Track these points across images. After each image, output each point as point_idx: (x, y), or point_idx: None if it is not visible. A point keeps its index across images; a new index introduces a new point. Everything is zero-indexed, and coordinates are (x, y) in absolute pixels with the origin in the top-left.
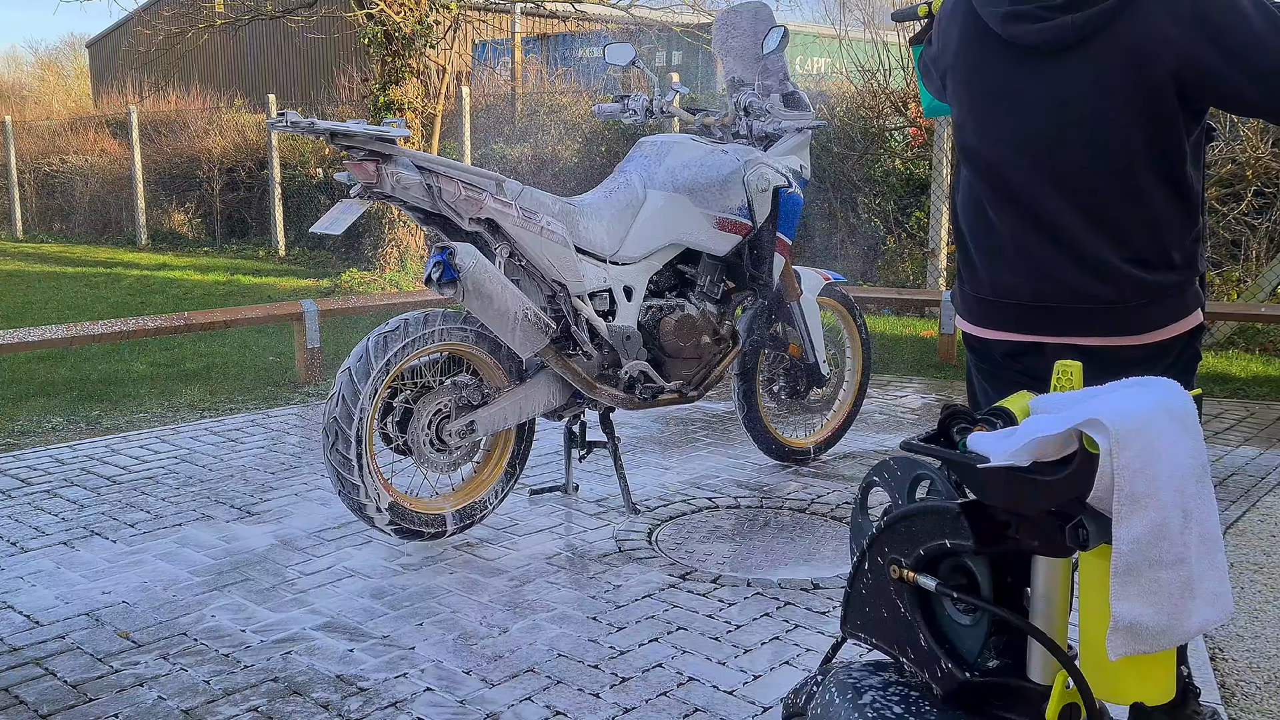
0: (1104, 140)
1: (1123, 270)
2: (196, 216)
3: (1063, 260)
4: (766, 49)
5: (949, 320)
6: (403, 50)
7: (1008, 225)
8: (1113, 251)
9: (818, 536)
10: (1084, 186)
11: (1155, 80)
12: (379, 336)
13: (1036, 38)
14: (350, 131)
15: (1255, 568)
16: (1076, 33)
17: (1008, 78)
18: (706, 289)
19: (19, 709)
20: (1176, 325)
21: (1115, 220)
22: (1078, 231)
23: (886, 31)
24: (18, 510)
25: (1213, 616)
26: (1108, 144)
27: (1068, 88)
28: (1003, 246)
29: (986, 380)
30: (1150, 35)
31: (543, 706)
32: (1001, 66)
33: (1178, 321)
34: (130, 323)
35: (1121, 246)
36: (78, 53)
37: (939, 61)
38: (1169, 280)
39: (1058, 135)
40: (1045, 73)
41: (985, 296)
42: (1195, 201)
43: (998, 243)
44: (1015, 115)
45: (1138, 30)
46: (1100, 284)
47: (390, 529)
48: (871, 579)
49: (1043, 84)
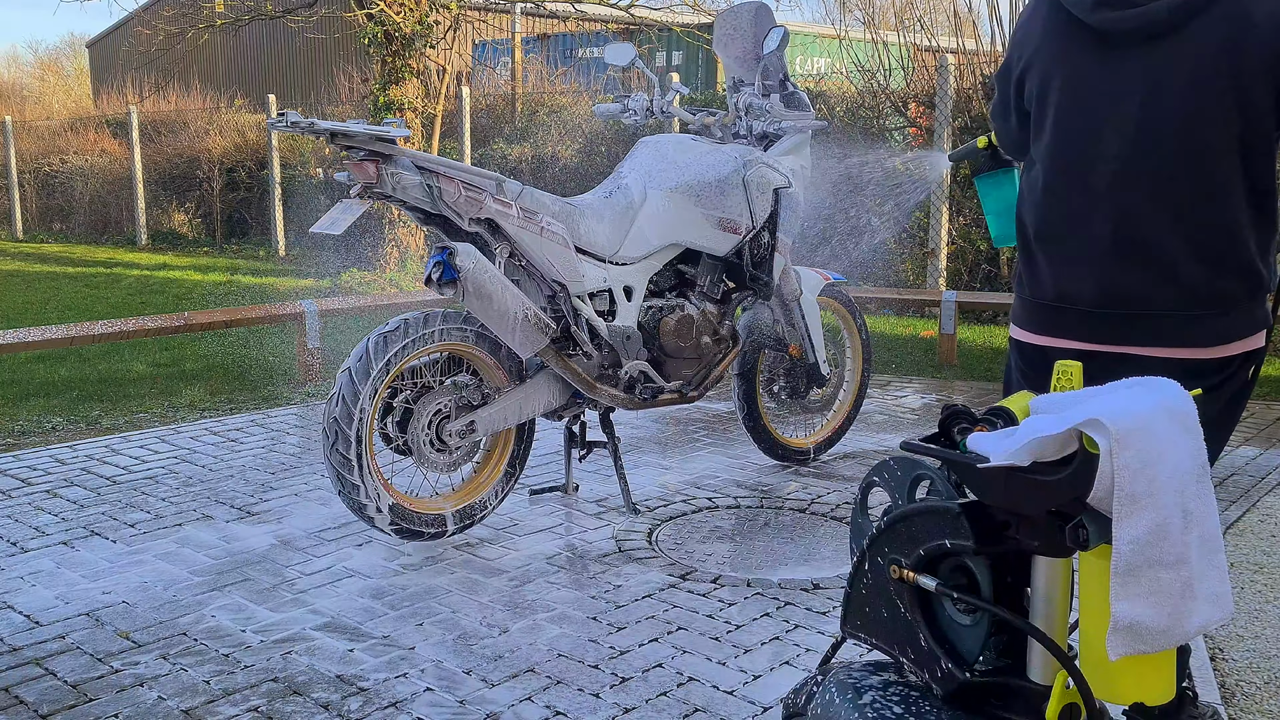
0: (1190, 131)
1: (1191, 271)
2: (196, 216)
3: (1133, 259)
4: (766, 49)
5: (949, 320)
6: (403, 50)
7: (1079, 221)
8: (1184, 250)
9: (818, 536)
10: (1164, 180)
11: (1250, 69)
12: (379, 336)
13: (1130, 24)
14: (350, 131)
15: (1255, 568)
16: (1170, 18)
17: (1095, 67)
18: (706, 289)
19: (19, 709)
20: (1239, 343)
21: (1191, 217)
22: (1152, 228)
23: (886, 32)
24: (18, 510)
25: (1213, 616)
26: (1193, 135)
27: (1158, 75)
28: (1072, 246)
29: (1033, 390)
30: (1249, 21)
31: (543, 706)
32: (1088, 56)
33: (1241, 340)
34: (130, 323)
35: (1193, 245)
36: (78, 53)
37: (1017, 71)
38: (1236, 289)
39: (1144, 124)
40: (1135, 61)
41: (1046, 301)
42: (1273, 206)
43: (1067, 242)
44: (1102, 104)
45: (1235, 15)
46: (1166, 285)
47: (390, 529)
48: (871, 579)
49: (1133, 72)
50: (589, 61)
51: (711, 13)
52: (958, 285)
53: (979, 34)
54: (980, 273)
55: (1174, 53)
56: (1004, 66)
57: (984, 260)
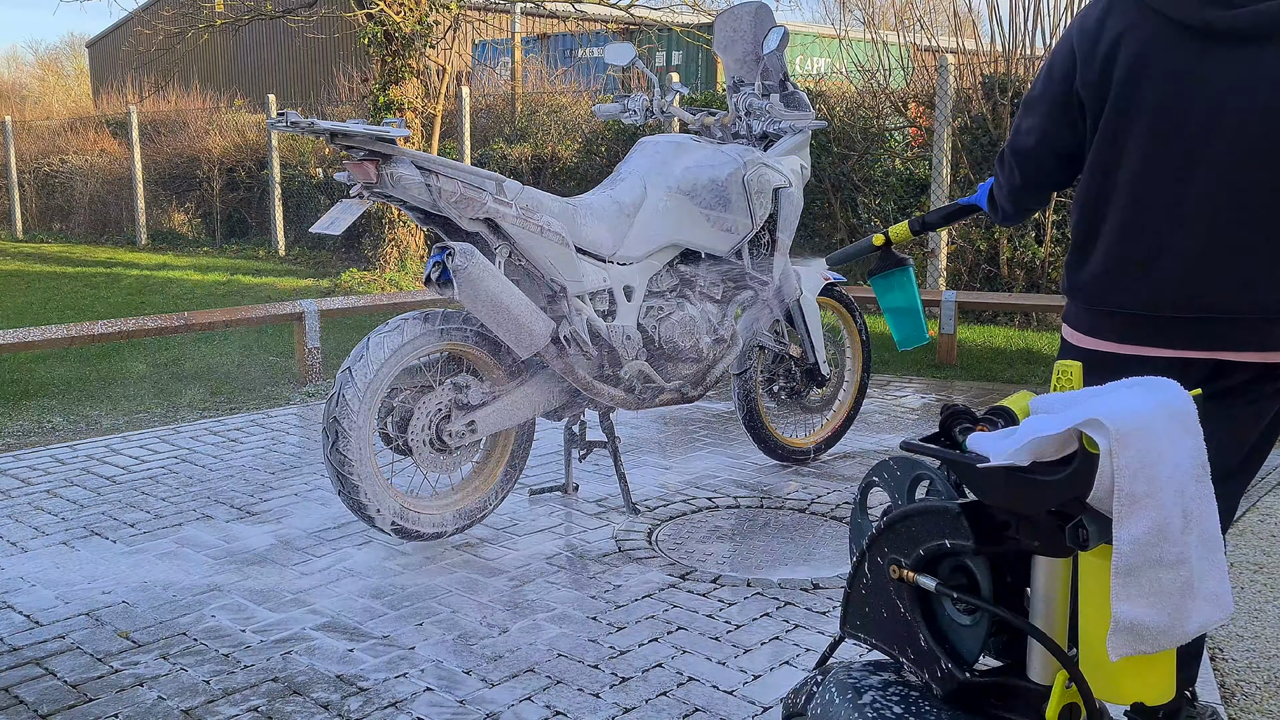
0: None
1: (1273, 277)
2: (196, 216)
3: (1222, 263)
4: (766, 49)
5: (949, 320)
6: (403, 50)
7: (1169, 227)
8: (1269, 255)
9: (818, 536)
10: (1260, 184)
11: None
12: (379, 336)
13: (1243, 22)
14: (350, 131)
15: (1255, 568)
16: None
17: (1195, 69)
18: (706, 289)
19: (19, 709)
20: None
21: (1276, 220)
22: (1244, 232)
23: (886, 32)
24: (18, 510)
25: (1213, 616)
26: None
27: (1274, 74)
28: (1156, 252)
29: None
30: None
31: (543, 706)
32: (1187, 57)
33: None
34: (130, 323)
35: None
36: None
37: (1088, 77)
38: None
39: (1256, 125)
40: (1243, 62)
41: (1125, 310)
42: None
43: (1148, 249)
44: (1204, 104)
45: None
46: (1250, 292)
47: (390, 529)
48: (871, 579)
49: (1243, 74)
50: (589, 61)
51: (711, 13)
52: (958, 285)
53: (979, 34)
54: (980, 273)
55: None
56: (1061, 68)
57: (984, 260)
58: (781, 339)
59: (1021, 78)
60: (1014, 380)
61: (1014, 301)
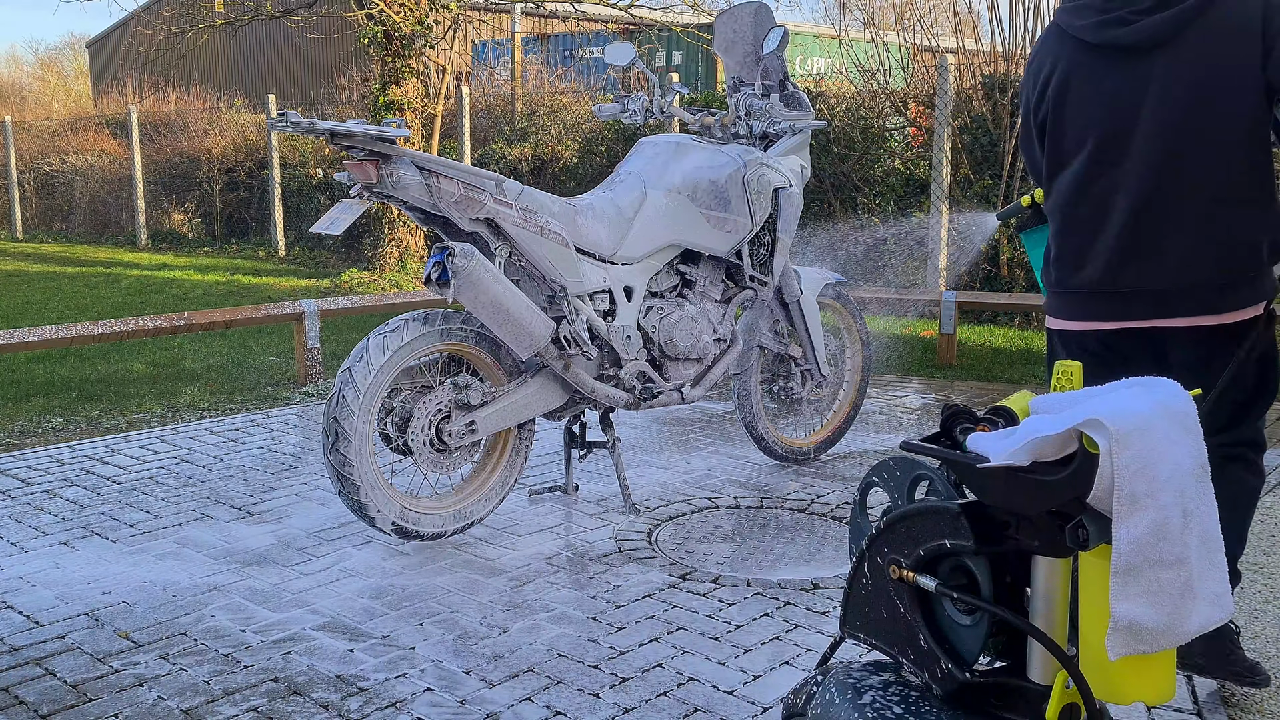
0: (1194, 122)
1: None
2: (196, 216)
3: (1145, 245)
4: (766, 49)
5: (949, 320)
6: (403, 50)
7: (1101, 216)
8: (1192, 233)
9: (818, 536)
10: (1176, 169)
11: (1240, 67)
12: (379, 336)
13: (1132, 37)
14: (350, 131)
15: (1255, 568)
16: (1167, 29)
17: (1105, 80)
18: (706, 289)
19: (19, 709)
20: (1253, 309)
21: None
22: (1163, 216)
23: (886, 32)
24: (18, 510)
25: (1213, 616)
26: (1201, 130)
27: (1163, 79)
28: (1096, 237)
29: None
30: (1235, 26)
31: (543, 706)
32: (1098, 70)
33: (1254, 305)
34: (130, 323)
35: (1211, 225)
36: (78, 53)
37: (1034, 98)
38: (1244, 266)
39: (1162, 122)
40: (1139, 69)
41: (1081, 289)
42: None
43: (1092, 236)
44: (1118, 109)
45: (1223, 21)
46: (1173, 269)
47: (390, 529)
48: (871, 579)
49: (1139, 77)
50: (589, 61)
51: (711, 13)
52: (958, 285)
53: (979, 34)
54: (980, 273)
55: (1173, 58)
56: (1024, 98)
57: (984, 260)
58: (781, 339)
59: (1021, 78)
60: (1014, 380)
61: (1014, 301)
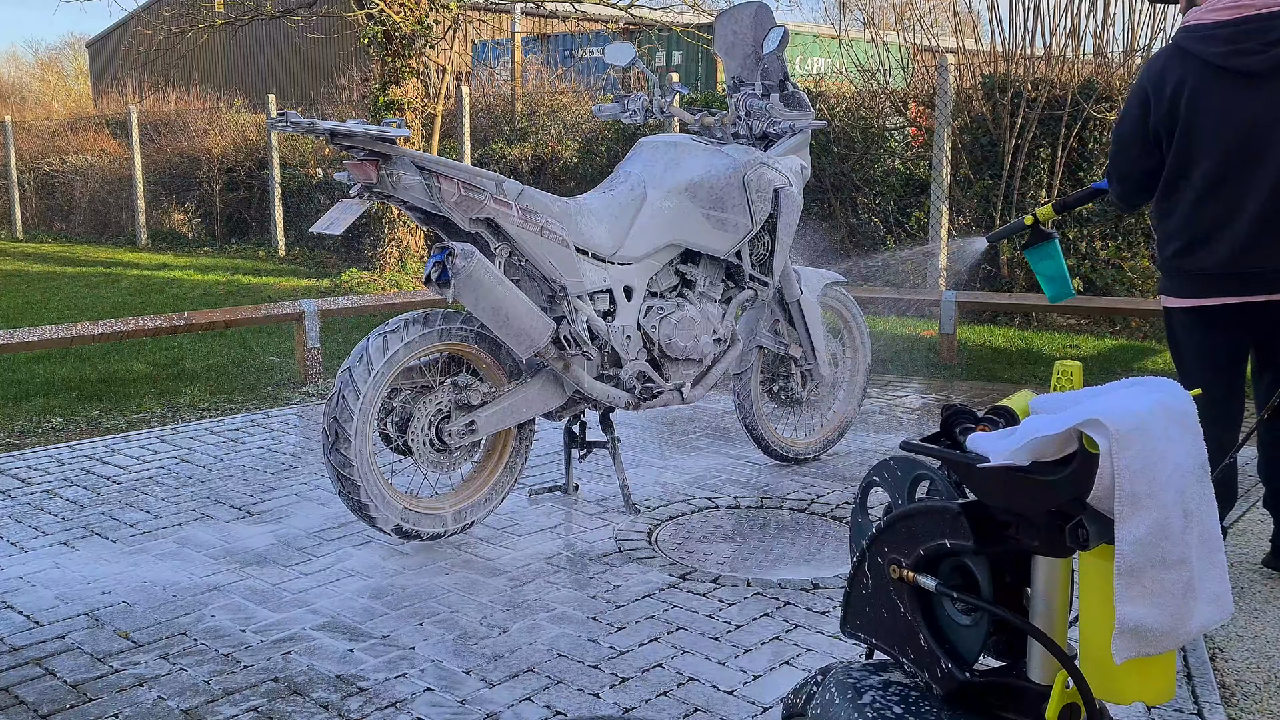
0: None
1: None
2: (196, 216)
3: (1268, 235)
4: (766, 49)
5: (949, 320)
6: (403, 50)
7: (1232, 211)
8: None
9: (818, 536)
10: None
11: None
12: (379, 336)
13: (1257, 65)
14: (350, 131)
15: (1255, 567)
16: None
17: (1233, 99)
18: (706, 289)
19: (19, 709)
20: None
21: None
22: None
23: (886, 32)
24: (18, 510)
25: (1214, 617)
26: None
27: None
28: (1227, 228)
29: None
30: None
31: (543, 706)
32: (1226, 92)
33: None
34: (130, 323)
35: None
36: (78, 53)
37: (1158, 114)
38: None
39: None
40: (1261, 92)
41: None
42: None
43: (1223, 227)
44: (1243, 125)
45: None
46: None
47: (390, 529)
48: (871, 579)
49: (1264, 99)
50: (589, 61)
51: (711, 13)
52: (958, 285)
53: (979, 34)
54: (980, 273)
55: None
56: (1138, 106)
57: (984, 260)
58: (781, 339)
59: (1021, 78)
60: (1014, 380)
61: (1014, 301)
